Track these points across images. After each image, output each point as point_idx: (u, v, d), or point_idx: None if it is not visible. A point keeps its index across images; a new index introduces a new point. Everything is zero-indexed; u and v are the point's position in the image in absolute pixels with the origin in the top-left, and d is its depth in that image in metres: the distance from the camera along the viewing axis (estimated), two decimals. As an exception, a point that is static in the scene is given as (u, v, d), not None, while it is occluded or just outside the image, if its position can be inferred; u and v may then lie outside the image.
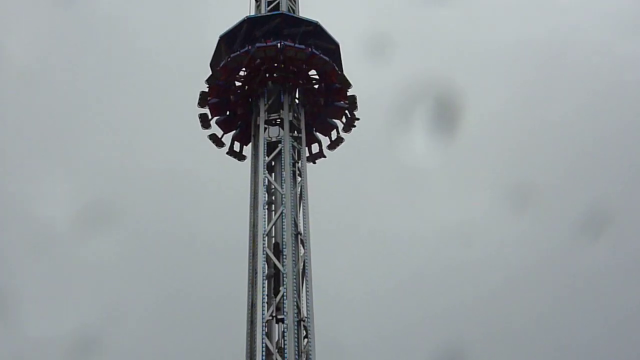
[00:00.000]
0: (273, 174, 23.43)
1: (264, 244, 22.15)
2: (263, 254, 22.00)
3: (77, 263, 39.79)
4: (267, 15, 25.90)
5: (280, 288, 21.68)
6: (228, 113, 25.77)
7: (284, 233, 22.26)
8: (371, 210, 42.55)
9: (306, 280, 22.27)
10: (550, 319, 40.20)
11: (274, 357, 20.65)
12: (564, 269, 40.88)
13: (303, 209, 23.14)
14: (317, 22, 25.46)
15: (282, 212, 22.54)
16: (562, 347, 39.68)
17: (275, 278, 22.08)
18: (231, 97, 25.38)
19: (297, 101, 25.23)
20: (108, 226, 39.71)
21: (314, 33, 25.26)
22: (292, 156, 23.56)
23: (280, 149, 23.37)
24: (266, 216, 22.63)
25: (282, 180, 22.89)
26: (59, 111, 46.69)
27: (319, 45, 25.12)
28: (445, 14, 45.85)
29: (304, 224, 22.91)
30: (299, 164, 23.77)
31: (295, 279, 21.82)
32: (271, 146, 23.56)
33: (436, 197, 44.49)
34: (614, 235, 38.03)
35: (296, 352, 20.48)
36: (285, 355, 20.31)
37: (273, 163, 23.57)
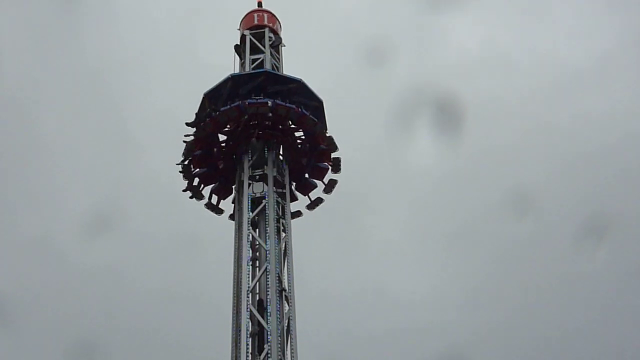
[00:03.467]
0: (257, 230, 23.26)
1: (248, 300, 21.89)
2: (247, 311, 21.70)
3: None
4: (252, 73, 25.82)
5: (265, 346, 21.33)
6: (209, 166, 25.61)
7: (268, 289, 22.05)
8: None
9: (291, 337, 21.99)
10: (551, 323, 40.20)
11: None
12: (565, 273, 40.94)
13: (287, 265, 22.91)
14: (301, 79, 25.39)
15: (266, 268, 22.36)
16: (562, 351, 39.52)
17: (259, 336, 21.73)
18: (214, 149, 25.35)
19: (281, 157, 25.21)
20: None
21: (298, 90, 25.22)
22: (277, 212, 23.45)
23: (265, 205, 23.25)
24: (250, 272, 22.39)
25: (266, 236, 22.74)
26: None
27: (303, 102, 25.06)
28: (447, 19, 46.62)
29: (288, 280, 22.69)
30: (284, 219, 23.63)
31: (279, 336, 21.53)
32: (255, 202, 23.42)
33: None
34: (615, 241, 38.21)
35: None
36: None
37: (257, 219, 23.39)
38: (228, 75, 25.40)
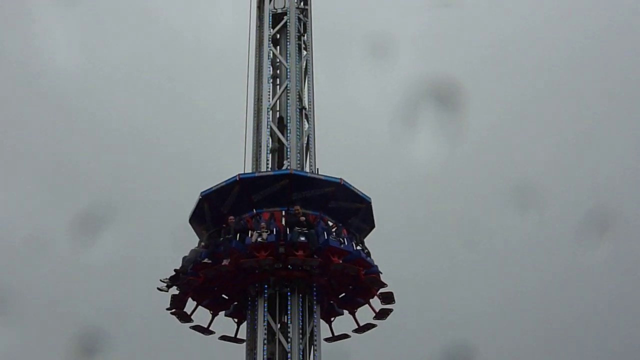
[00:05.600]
0: (278, 47, 23.08)
1: (268, 117, 21.95)
2: (267, 128, 21.78)
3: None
4: (269, 175, 20.22)
5: (284, 162, 21.53)
6: (214, 297, 20.84)
7: (288, 107, 22.06)
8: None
9: (310, 154, 22.12)
10: (552, 319, 40.20)
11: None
12: (568, 268, 40.81)
13: (308, 83, 22.81)
14: (340, 180, 19.84)
15: (286, 86, 22.30)
16: (565, 348, 39.75)
17: (279, 152, 21.93)
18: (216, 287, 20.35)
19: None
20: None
21: (336, 194, 20.02)
22: (298, 29, 23.12)
23: (286, 22, 22.93)
24: (271, 90, 22.39)
25: (287, 53, 22.56)
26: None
27: (342, 208, 20.17)
28: (449, 14, 45.19)
29: (308, 98, 22.65)
30: (305, 36, 23.29)
31: (299, 153, 21.55)
32: (276, 18, 23.10)
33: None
34: (618, 235, 37.61)
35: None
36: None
37: (278, 36, 23.19)
38: (235, 176, 19.89)
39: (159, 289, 20.16)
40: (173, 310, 20.48)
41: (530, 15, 49.19)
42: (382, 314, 20.50)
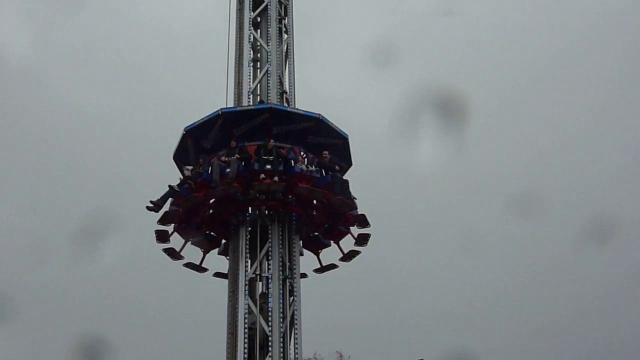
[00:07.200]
0: (259, 31, 22.88)
1: (249, 101, 21.77)
2: (248, 112, 21.58)
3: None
4: (250, 109, 20.67)
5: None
6: (203, 234, 21.15)
7: (269, 91, 21.89)
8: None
9: (290, 136, 21.91)
10: (555, 325, 40.28)
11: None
12: (570, 276, 40.98)
13: (289, 67, 22.59)
14: (319, 116, 20.39)
15: (267, 70, 22.12)
16: (567, 354, 39.87)
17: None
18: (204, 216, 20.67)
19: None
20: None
21: (315, 129, 20.57)
22: (279, 12, 22.92)
23: (267, 5, 22.73)
24: (251, 74, 22.19)
25: (267, 37, 22.39)
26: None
27: (321, 142, 20.74)
28: (449, 21, 45.11)
29: (289, 82, 22.46)
30: (286, 20, 23.09)
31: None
32: (257, 1, 22.87)
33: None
34: (620, 243, 37.77)
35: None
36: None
37: (259, 19, 22.98)
38: (217, 110, 20.29)
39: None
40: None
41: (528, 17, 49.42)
42: (361, 240, 21.11)
